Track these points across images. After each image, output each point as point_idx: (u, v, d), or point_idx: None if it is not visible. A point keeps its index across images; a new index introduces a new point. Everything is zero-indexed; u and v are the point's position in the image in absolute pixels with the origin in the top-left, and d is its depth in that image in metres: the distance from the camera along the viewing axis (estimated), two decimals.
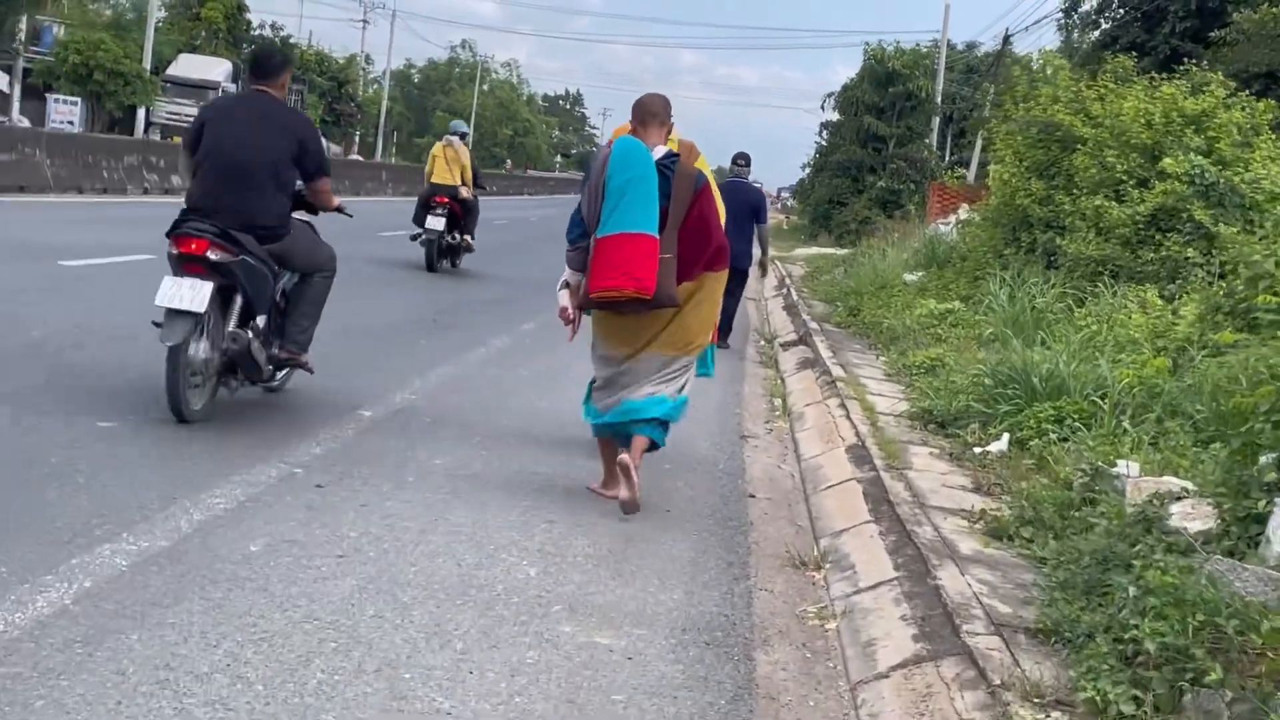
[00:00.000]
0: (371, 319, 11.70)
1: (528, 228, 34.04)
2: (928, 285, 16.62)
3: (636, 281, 5.93)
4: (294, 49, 73.12)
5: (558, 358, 10.96)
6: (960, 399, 8.84)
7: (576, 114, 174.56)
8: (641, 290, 5.96)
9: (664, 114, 6.26)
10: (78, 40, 50.34)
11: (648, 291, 5.96)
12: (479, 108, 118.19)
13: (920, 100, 48.24)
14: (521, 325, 13.00)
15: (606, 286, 6.00)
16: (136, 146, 25.80)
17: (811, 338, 13.62)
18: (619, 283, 5.95)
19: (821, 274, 23.31)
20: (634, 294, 5.98)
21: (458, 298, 14.62)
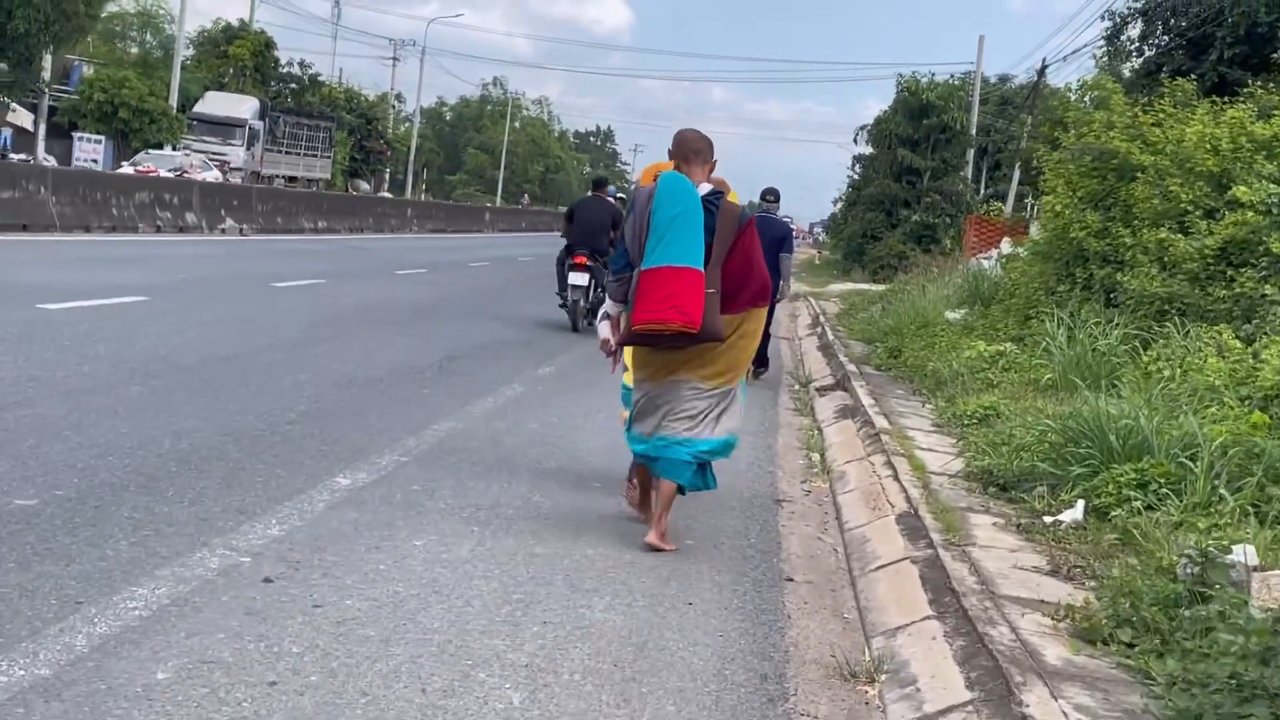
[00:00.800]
0: (374, 365, 10.78)
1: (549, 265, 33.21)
2: (973, 324, 15.56)
3: (683, 315, 5.91)
4: (321, 87, 72.92)
5: (574, 408, 10.02)
6: (1024, 457, 7.80)
7: (608, 150, 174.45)
8: (689, 324, 5.93)
9: (707, 151, 6.32)
10: (102, 78, 49.95)
11: (694, 325, 5.94)
12: (510, 144, 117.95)
13: (955, 132, 47.25)
14: (538, 370, 12.03)
15: (651, 320, 5.96)
16: (148, 183, 25.06)
17: (850, 382, 12.60)
18: (666, 315, 5.92)
19: (857, 311, 22.27)
20: (681, 327, 5.94)
21: (472, 340, 13.67)
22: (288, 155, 59.94)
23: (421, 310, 16.06)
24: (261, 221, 29.25)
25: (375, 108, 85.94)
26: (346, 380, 9.82)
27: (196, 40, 66.51)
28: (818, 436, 10.49)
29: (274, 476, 6.47)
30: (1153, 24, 28.93)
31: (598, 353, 6.85)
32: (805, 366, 16.07)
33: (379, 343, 12.35)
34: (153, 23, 58.31)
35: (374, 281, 19.62)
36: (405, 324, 14.33)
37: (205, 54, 64.10)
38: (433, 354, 12.08)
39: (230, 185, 34.74)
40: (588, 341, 14.79)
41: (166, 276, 16.00)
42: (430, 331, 13.94)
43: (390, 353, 11.72)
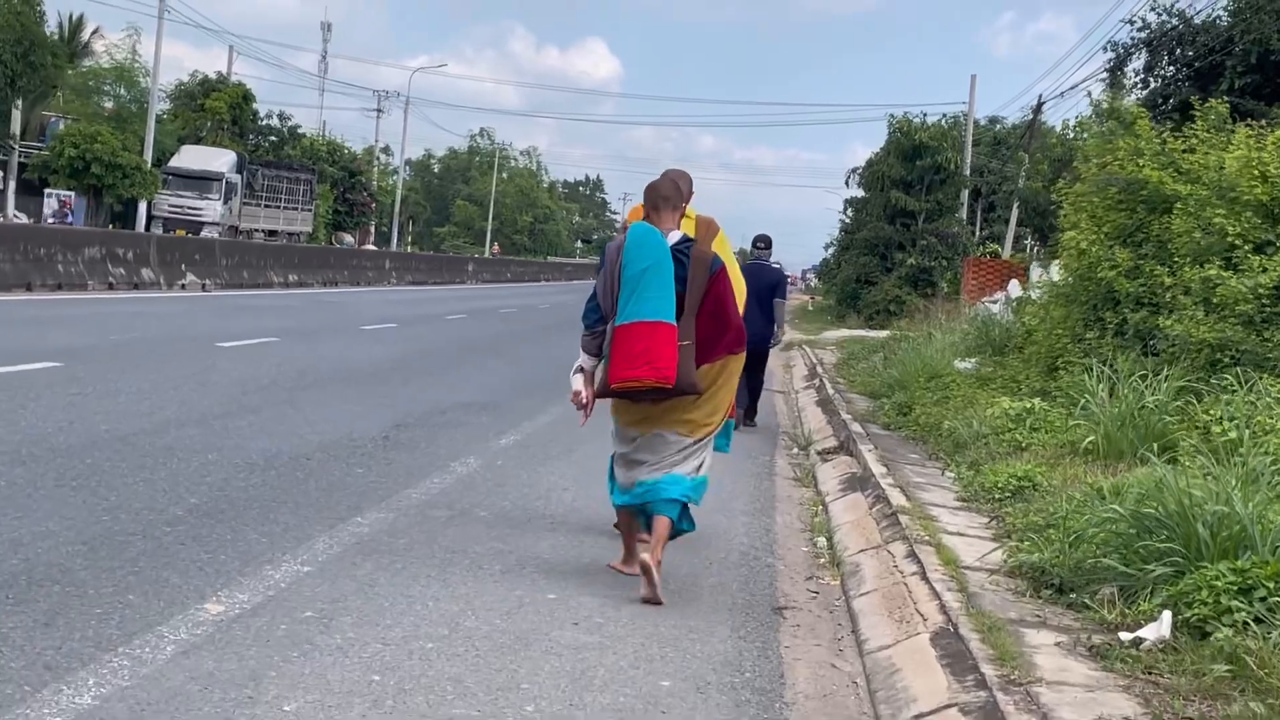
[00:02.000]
0: (306, 439, 9.28)
1: (537, 316, 31.74)
2: (990, 375, 14.06)
3: (658, 371, 5.96)
4: (302, 139, 71.76)
5: (535, 487, 8.51)
6: (1083, 550, 6.28)
7: (597, 199, 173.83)
8: (663, 380, 5.99)
9: (676, 197, 6.32)
10: (74, 133, 48.60)
11: (669, 381, 5.99)
12: (499, 195, 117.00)
13: (949, 173, 45.93)
14: (500, 439, 10.52)
15: (628, 377, 6.03)
16: (99, 238, 23.61)
17: (856, 445, 11.09)
18: (641, 373, 5.98)
19: (857, 361, 20.78)
20: (655, 384, 6.00)
21: (430, 404, 12.17)
22: (267, 209, 58.62)
23: (379, 370, 14.55)
24: (226, 276, 27.78)
25: (359, 160, 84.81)
26: (266, 459, 8.31)
27: (173, 94, 65.37)
28: (823, 515, 8.97)
29: (119, 606, 4.95)
30: (1158, 55, 27.66)
31: (570, 419, 6.81)
32: (804, 424, 14.56)
33: (320, 410, 10.85)
34: (127, 76, 56.98)
35: (334, 338, 18.13)
36: (357, 386, 12.83)
37: (182, 107, 62.90)
38: (380, 422, 10.57)
39: (192, 239, 33.35)
40: (561, 404, 13.31)
41: (94, 338, 14.49)
42: (384, 395, 12.43)
43: (329, 423, 10.21)
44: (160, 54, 53.62)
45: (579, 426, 6.79)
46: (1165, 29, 27.46)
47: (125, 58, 57.42)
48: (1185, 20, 27.01)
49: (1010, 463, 9.28)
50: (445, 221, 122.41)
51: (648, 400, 6.17)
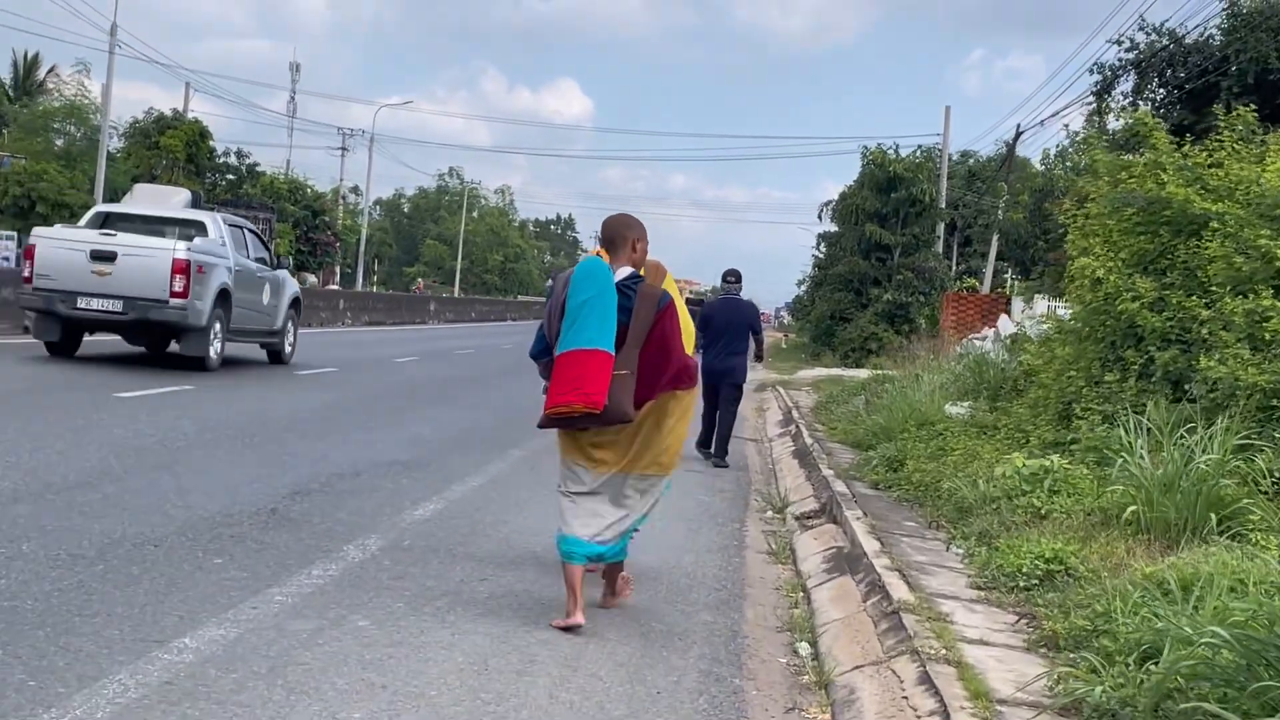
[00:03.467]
0: (168, 517, 7.54)
1: (496, 358, 29.92)
2: (988, 423, 12.40)
3: (585, 396, 5.94)
4: (261, 177, 70.04)
5: (443, 580, 6.71)
6: (1162, 682, 4.57)
7: (568, 238, 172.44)
8: (591, 405, 5.95)
9: (627, 235, 6.31)
10: (18, 171, 46.75)
11: (597, 406, 5.95)
12: (469, 234, 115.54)
13: (925, 205, 44.44)
14: (414, 510, 8.76)
15: (559, 402, 6.02)
16: (9, 278, 21.69)
17: (841, 510, 9.38)
18: (570, 398, 5.97)
19: (836, 404, 19.07)
20: (584, 408, 5.97)
21: (348, 462, 10.42)
22: None
23: (298, 422, 12.78)
24: None
25: (324, 199, 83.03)
26: (99, 549, 6.55)
27: (128, 132, 63.53)
28: (804, 607, 7.25)
29: None
30: (1147, 77, 26.23)
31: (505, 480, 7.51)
32: (779, 480, 12.87)
33: (204, 476, 9.09)
34: (78, 112, 55.16)
35: (259, 385, 16.34)
36: (264, 443, 11.06)
37: (136, 145, 61.01)
38: (274, 490, 8.82)
39: None
40: (500, 462, 11.57)
41: None
42: (292, 453, 10.66)
43: (209, 492, 8.45)
44: (111, 89, 51.88)
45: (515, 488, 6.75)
46: (1155, 49, 26.05)
47: (75, 94, 55.51)
48: (1176, 40, 25.61)
49: (1030, 535, 7.61)
50: (415, 261, 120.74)
51: (586, 430, 6.16)
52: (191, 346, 17.02)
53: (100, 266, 16.44)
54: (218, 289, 17.23)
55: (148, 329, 17.09)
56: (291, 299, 20.49)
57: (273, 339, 19.91)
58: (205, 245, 17.42)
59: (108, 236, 16.92)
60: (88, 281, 16.39)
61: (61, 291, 16.41)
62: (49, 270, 16.48)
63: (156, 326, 16.86)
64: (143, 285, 16.43)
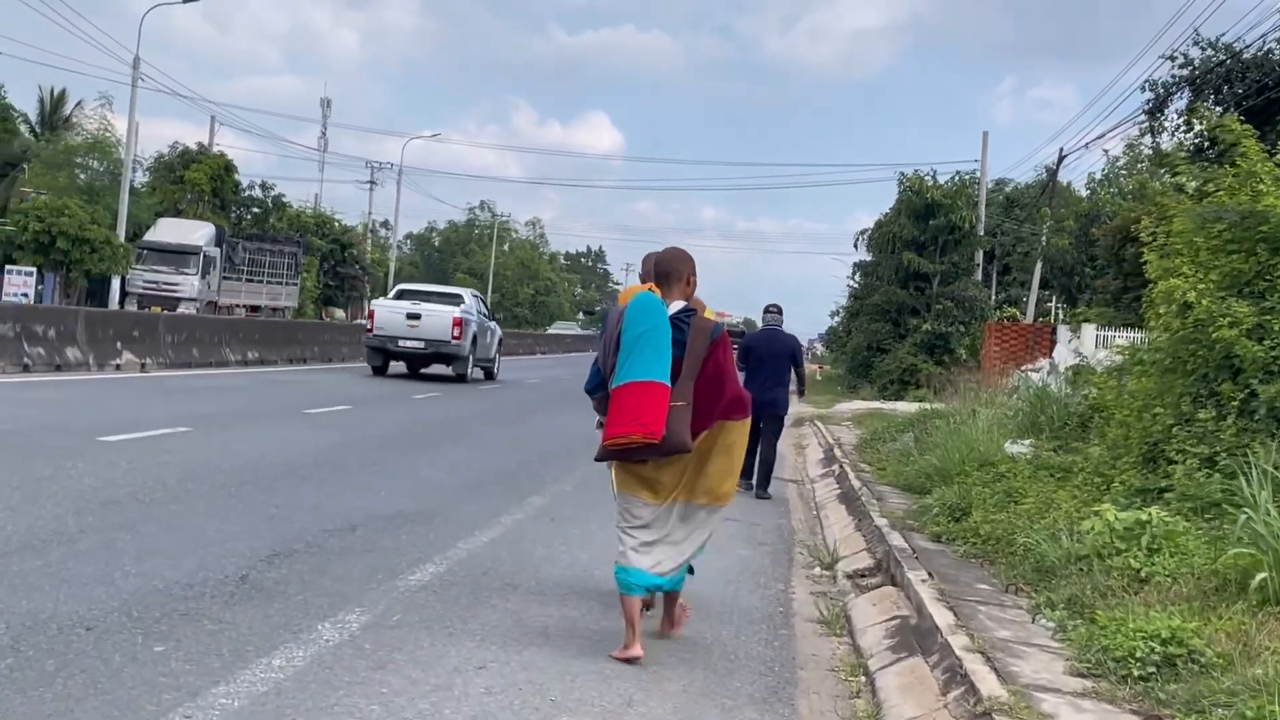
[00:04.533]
0: (123, 582, 6.48)
1: (522, 392, 28.78)
2: (1062, 466, 11.16)
3: (644, 427, 5.99)
4: (287, 209, 69.41)
5: (427, 679, 5.52)
6: None
7: (599, 270, 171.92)
8: (649, 436, 6.00)
9: (680, 270, 6.44)
10: (39, 206, 46.01)
11: (655, 437, 6.00)
12: (499, 267, 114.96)
13: (964, 233, 43.14)
14: (411, 575, 7.59)
15: (617, 434, 6.05)
16: (12, 313, 20.73)
17: (902, 570, 8.17)
18: (627, 429, 6.01)
19: (882, 441, 17.82)
20: (643, 440, 6.01)
21: (342, 514, 9.28)
22: (248, 283, 55.94)
23: (297, 467, 11.65)
24: (171, 355, 24.88)
25: (352, 232, 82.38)
26: (16, 636, 5.42)
27: (153, 166, 62.98)
28: (868, 699, 6.03)
29: None
30: (1202, 94, 25.00)
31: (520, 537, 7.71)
32: (825, 529, 11.65)
33: (173, 534, 7.96)
34: (101, 147, 54.52)
35: (262, 427, 15.23)
36: (252, 493, 9.93)
37: (160, 179, 60.45)
38: (251, 550, 7.68)
39: (130, 313, 30.53)
40: (518, 511, 10.39)
41: None
42: (281, 504, 9.52)
43: (173, 554, 7.31)
44: (134, 122, 51.32)
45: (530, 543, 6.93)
46: (1211, 65, 24.84)
47: (98, 128, 54.90)
48: (1234, 55, 24.38)
49: (1133, 605, 6.39)
50: None
51: (645, 462, 6.23)
52: (459, 367, 28.54)
53: (412, 322, 27.98)
54: (472, 334, 28.76)
55: (437, 358, 28.43)
56: (499, 339, 33.00)
57: (489, 364, 31.55)
58: (465, 309, 28.90)
59: (415, 305, 28.42)
60: (404, 330, 27.96)
61: (389, 336, 28.11)
62: (381, 325, 28.23)
63: (442, 356, 28.27)
64: (435, 332, 27.92)
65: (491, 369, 31.65)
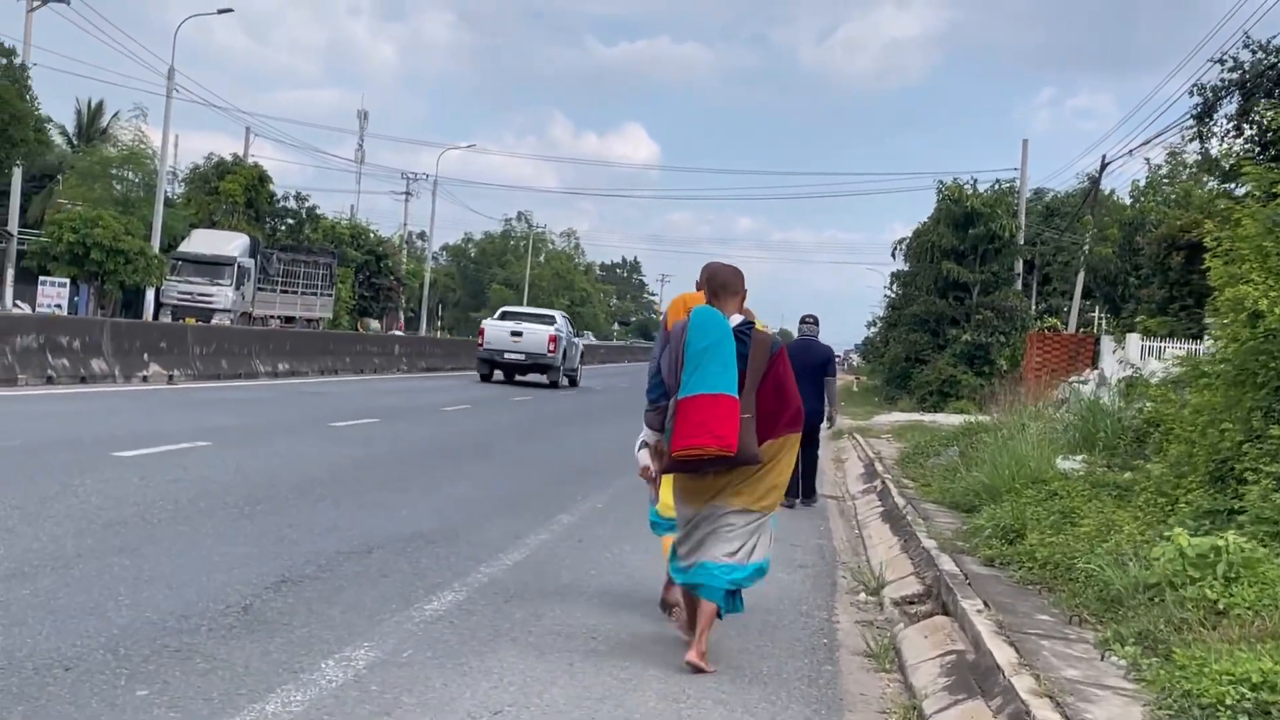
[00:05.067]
0: (115, 615, 6.02)
1: (555, 402, 28.26)
2: (1118, 483, 10.56)
3: (719, 439, 6.07)
4: (321, 220, 69.25)
5: None
6: None
7: (634, 281, 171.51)
8: (725, 448, 6.09)
9: (736, 283, 6.58)
10: (73, 217, 45.87)
11: (731, 449, 6.10)
12: (535, 278, 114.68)
13: (1004, 242, 42.41)
14: (427, 603, 7.09)
15: (689, 445, 6.13)
16: (36, 324, 20.41)
17: (955, 598, 7.59)
18: (703, 441, 6.08)
19: (924, 455, 17.20)
20: (718, 452, 6.11)
21: (361, 535, 8.81)
22: (283, 294, 55.79)
23: (315, 484, 11.18)
24: (199, 366, 24.52)
25: (387, 243, 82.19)
26: (9, 662, 4.94)
27: (188, 177, 62.93)
28: None
29: None
30: (1253, 98, 24.21)
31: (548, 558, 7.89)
32: (868, 550, 11.07)
33: (178, 560, 7.48)
34: (135, 158, 54.43)
35: (284, 441, 14.77)
36: (265, 512, 9.45)
37: (195, 190, 60.37)
38: (257, 575, 7.20)
39: (157, 324, 30.25)
40: (546, 531, 9.86)
41: None
42: (295, 524, 9.04)
43: (171, 585, 6.83)
44: (168, 133, 51.38)
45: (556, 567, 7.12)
46: (1262, 69, 24.07)
47: (133, 140, 54.79)
48: None
49: (1213, 643, 5.81)
50: (482, 306, 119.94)
51: (710, 472, 6.30)
52: (552, 375, 34.65)
53: (515, 338, 34.00)
54: (563, 348, 34.57)
55: (535, 368, 34.24)
56: (582, 351, 40.50)
57: (574, 372, 37.40)
58: (557, 328, 34.76)
59: (517, 324, 34.57)
60: (509, 345, 34.02)
61: (497, 350, 34.30)
62: (490, 341, 34.42)
63: (539, 366, 34.19)
64: (534, 346, 33.90)
65: (575, 376, 37.59)
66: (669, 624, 7.07)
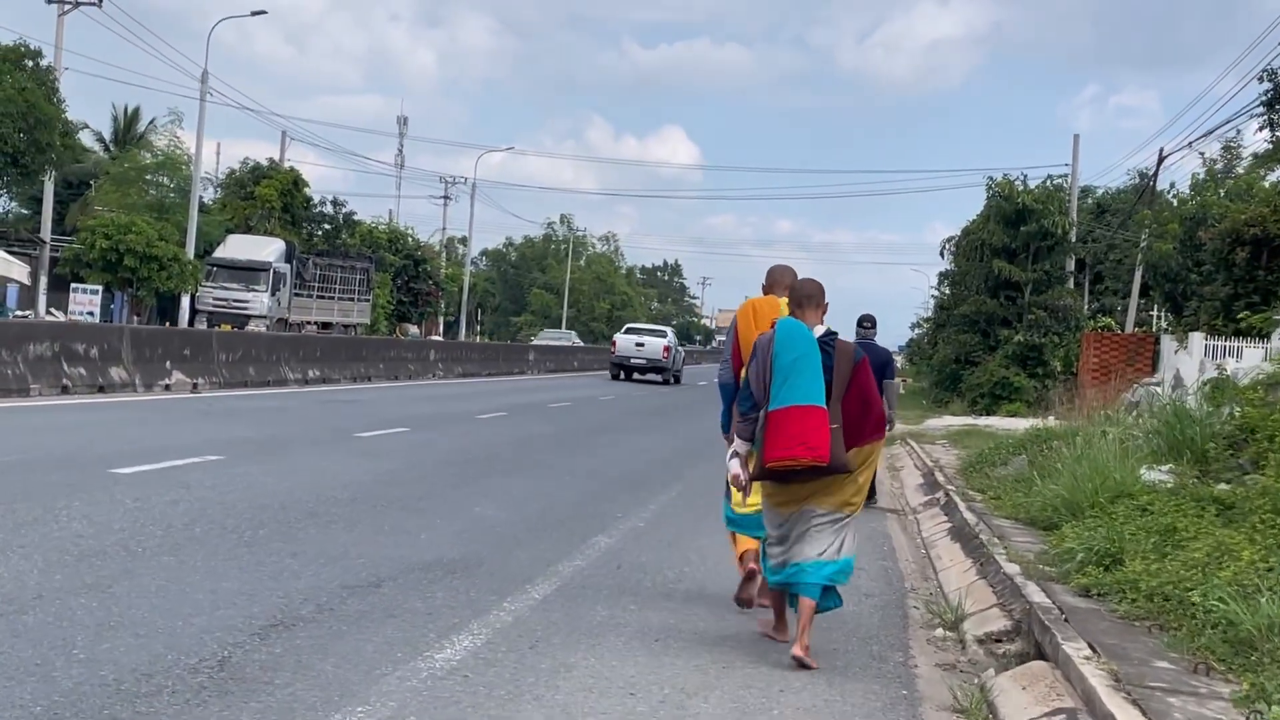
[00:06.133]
0: (61, 676, 5.01)
1: (594, 411, 27.17)
2: (1216, 498, 9.44)
3: (812, 451, 6.30)
4: (358, 226, 68.59)
5: None
6: None
7: (675, 284, 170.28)
8: (818, 459, 6.32)
9: (819, 296, 6.77)
10: (106, 223, 45.25)
11: (824, 460, 6.34)
12: (575, 282, 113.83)
13: (1057, 239, 41.02)
14: (438, 651, 6.09)
15: (783, 457, 6.37)
16: (50, 331, 19.58)
17: (1055, 640, 6.50)
18: (796, 453, 6.32)
19: (988, 464, 16.01)
20: (811, 463, 6.34)
21: (369, 566, 7.84)
22: (320, 300, 55.11)
23: (328, 505, 10.19)
24: (226, 374, 23.64)
25: (426, 248, 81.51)
26: None
27: (224, 183, 62.41)
28: None
29: None
30: None
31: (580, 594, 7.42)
32: (939, 575, 9.98)
33: (156, 598, 6.50)
34: (170, 163, 53.88)
35: (304, 454, 13.80)
36: (272, 537, 8.47)
37: (231, 196, 59.81)
38: (243, 620, 6.21)
39: (180, 330, 29.46)
40: (580, 559, 8.78)
41: None
42: (303, 552, 8.05)
43: (140, 632, 5.85)
44: (202, 137, 50.72)
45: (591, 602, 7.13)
46: None
47: (167, 145, 54.20)
48: None
49: None
50: (522, 310, 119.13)
51: (799, 481, 6.53)
52: (666, 375, 45.80)
53: (638, 348, 46.03)
54: (674, 354, 46.29)
55: (653, 369, 45.56)
56: (683, 358, 50.81)
57: (679, 373, 48.26)
58: (669, 340, 47.01)
59: (640, 337, 47.27)
60: (634, 353, 46.14)
61: (625, 356, 46.43)
62: (620, 349, 46.66)
63: (657, 369, 45.56)
64: (653, 353, 45.84)
65: (680, 376, 48.76)
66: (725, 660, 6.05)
